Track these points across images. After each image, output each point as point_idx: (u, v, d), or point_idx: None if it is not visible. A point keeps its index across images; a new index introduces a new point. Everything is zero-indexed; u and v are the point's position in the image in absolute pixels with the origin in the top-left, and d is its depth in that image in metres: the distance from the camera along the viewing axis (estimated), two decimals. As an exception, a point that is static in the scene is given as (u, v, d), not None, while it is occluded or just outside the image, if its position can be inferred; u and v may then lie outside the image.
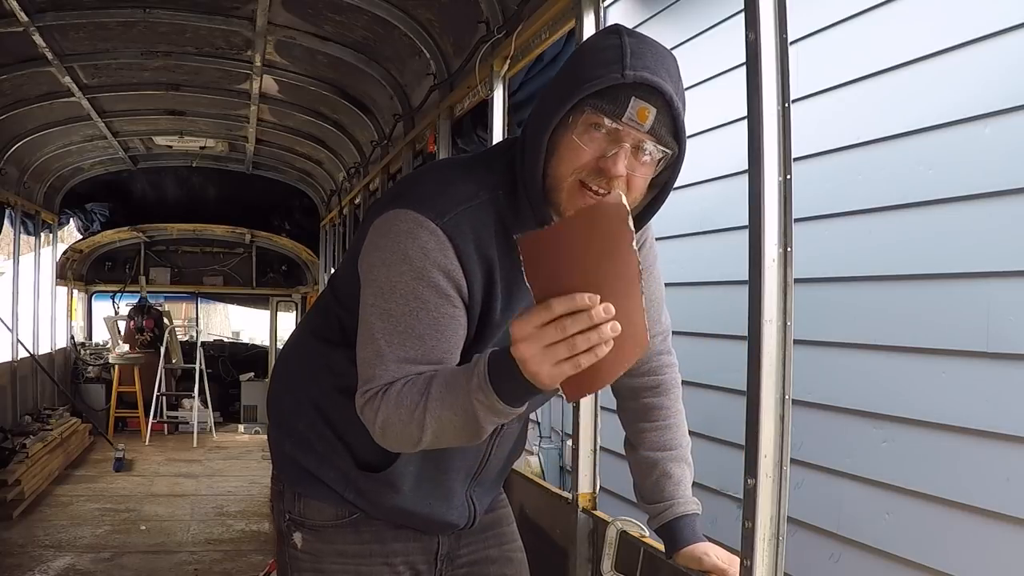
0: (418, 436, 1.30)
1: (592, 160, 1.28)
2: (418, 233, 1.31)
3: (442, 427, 1.27)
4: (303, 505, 1.57)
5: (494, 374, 1.19)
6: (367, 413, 1.34)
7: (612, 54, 1.27)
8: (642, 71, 1.25)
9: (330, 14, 4.43)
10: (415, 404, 1.28)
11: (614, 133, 1.27)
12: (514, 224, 1.37)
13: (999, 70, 2.27)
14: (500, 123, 3.27)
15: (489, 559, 1.69)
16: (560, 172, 1.31)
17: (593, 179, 1.28)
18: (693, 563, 1.58)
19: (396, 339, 1.32)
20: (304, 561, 1.58)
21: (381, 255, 1.34)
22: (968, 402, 2.29)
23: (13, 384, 7.62)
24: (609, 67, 1.26)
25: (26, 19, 4.35)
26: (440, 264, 1.32)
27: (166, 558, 5.16)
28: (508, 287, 1.38)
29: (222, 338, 14.51)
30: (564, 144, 1.29)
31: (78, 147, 7.88)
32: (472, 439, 1.29)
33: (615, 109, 1.25)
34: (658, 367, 1.66)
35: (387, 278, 1.32)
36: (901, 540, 2.47)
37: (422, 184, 1.41)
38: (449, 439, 1.30)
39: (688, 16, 3.81)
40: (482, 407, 1.21)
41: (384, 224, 1.35)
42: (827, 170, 2.86)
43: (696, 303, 3.60)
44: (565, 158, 1.29)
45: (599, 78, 1.25)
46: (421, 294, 1.31)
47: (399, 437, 1.33)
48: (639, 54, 1.26)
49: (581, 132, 1.28)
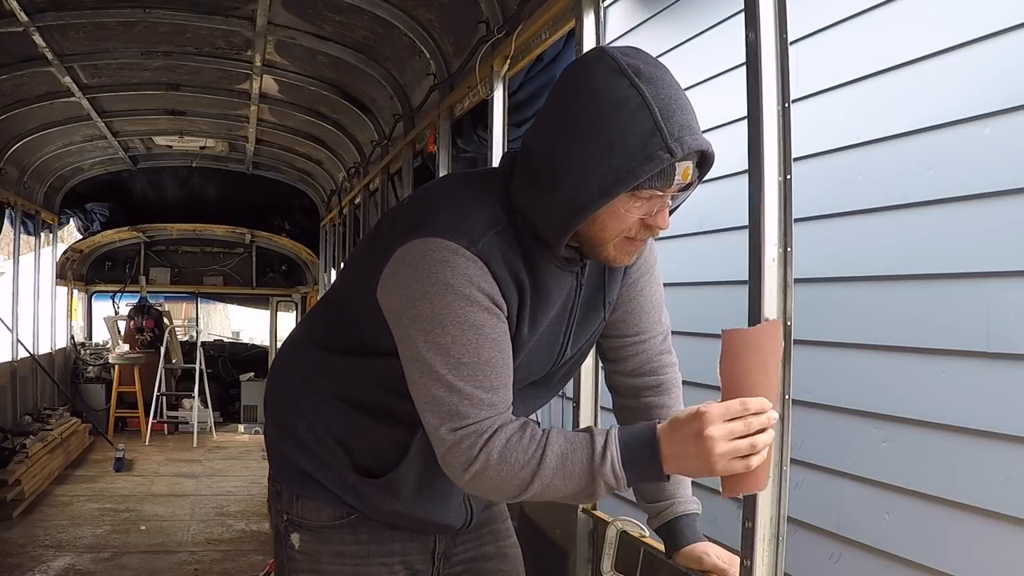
0: (515, 494, 1.32)
1: (639, 221, 1.29)
2: (455, 261, 1.29)
3: (547, 491, 1.30)
4: (301, 506, 1.56)
5: (628, 461, 1.26)
6: (457, 454, 1.31)
7: (644, 122, 1.22)
8: (684, 136, 1.22)
9: (330, 14, 4.44)
10: (523, 464, 1.28)
11: (661, 196, 1.27)
12: (533, 249, 1.36)
13: (999, 70, 2.27)
14: (500, 123, 3.27)
15: (485, 556, 1.69)
16: (604, 236, 1.31)
17: (640, 234, 1.31)
18: (693, 563, 1.58)
19: (465, 371, 1.29)
20: (302, 562, 1.58)
21: (420, 288, 1.30)
22: (968, 402, 2.29)
23: (13, 384, 7.62)
24: (649, 142, 1.21)
25: (26, 19, 4.35)
26: (483, 288, 1.30)
27: (166, 558, 5.16)
28: (534, 310, 1.39)
29: (222, 338, 14.51)
30: (607, 215, 1.28)
31: (78, 147, 7.88)
32: (577, 502, 1.32)
33: (666, 183, 1.25)
34: (659, 367, 1.67)
35: (432, 311, 1.29)
36: (901, 540, 2.47)
37: (440, 211, 1.36)
38: (549, 498, 1.33)
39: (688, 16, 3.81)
40: (607, 487, 1.27)
41: (412, 254, 1.31)
42: (827, 170, 2.85)
43: (696, 303, 3.59)
44: (610, 226, 1.30)
45: (647, 161, 1.21)
46: (475, 320, 1.29)
47: (492, 490, 1.33)
48: (669, 112, 1.23)
49: (627, 203, 1.27)
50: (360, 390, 1.48)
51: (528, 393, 1.54)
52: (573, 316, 1.47)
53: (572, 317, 1.47)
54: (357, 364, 1.47)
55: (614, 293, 1.54)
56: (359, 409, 1.49)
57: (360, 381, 1.48)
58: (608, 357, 1.68)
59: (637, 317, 1.61)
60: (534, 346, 1.42)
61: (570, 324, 1.47)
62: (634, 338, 1.63)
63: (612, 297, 1.54)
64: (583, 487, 1.28)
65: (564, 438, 1.30)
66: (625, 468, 1.26)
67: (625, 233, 1.31)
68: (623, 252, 1.34)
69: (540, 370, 1.50)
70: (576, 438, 1.30)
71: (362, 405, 1.48)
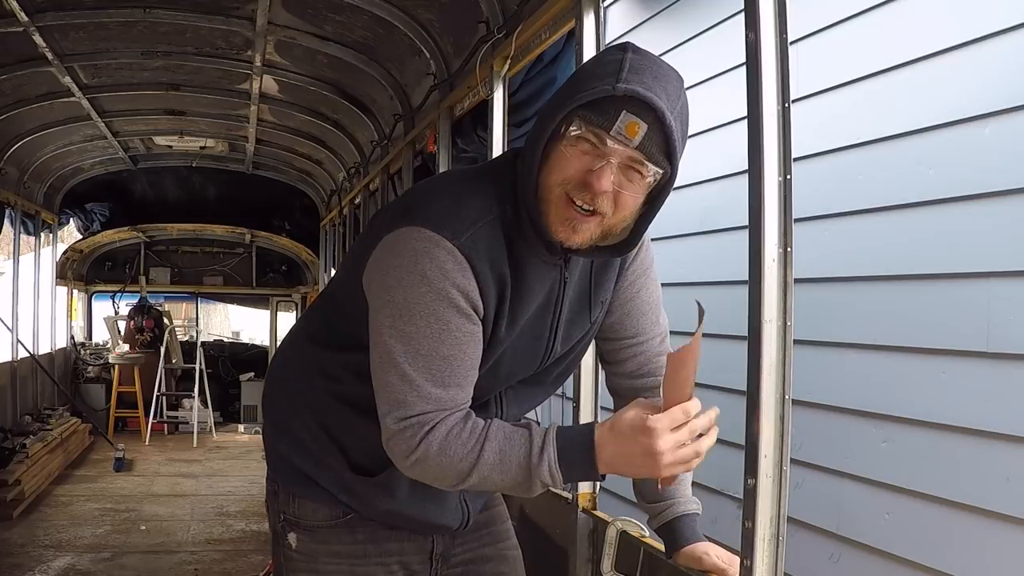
0: (453, 483, 1.35)
1: (579, 173, 1.27)
2: (435, 252, 1.30)
3: (485, 483, 1.34)
4: (298, 505, 1.57)
5: (565, 461, 1.29)
6: (399, 443, 1.34)
7: (610, 68, 1.26)
8: (635, 85, 1.23)
9: (330, 14, 4.43)
10: (462, 457, 1.31)
11: (602, 147, 1.25)
12: (517, 238, 1.37)
13: (999, 70, 2.27)
14: (500, 123, 3.27)
15: (484, 557, 1.69)
16: (549, 183, 1.30)
17: (578, 193, 1.28)
18: (693, 562, 1.58)
19: (421, 362, 1.31)
20: (299, 561, 1.58)
21: (397, 275, 1.32)
22: (968, 402, 2.29)
23: (13, 384, 7.63)
24: (603, 80, 1.25)
25: (26, 19, 4.35)
26: (459, 284, 1.31)
27: (166, 558, 5.16)
28: (514, 303, 1.39)
29: (222, 338, 14.51)
30: (555, 155, 1.29)
31: (78, 147, 7.88)
32: (515, 494, 1.37)
33: (603, 121, 1.24)
34: (658, 368, 1.66)
35: (404, 299, 1.31)
36: (901, 540, 2.47)
37: (433, 200, 1.38)
38: (487, 489, 1.37)
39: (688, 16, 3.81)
40: (541, 484, 1.31)
41: (396, 241, 1.33)
42: (827, 170, 2.86)
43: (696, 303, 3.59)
44: (554, 168, 1.29)
45: (592, 88, 1.25)
46: (443, 315, 1.31)
47: (432, 477, 1.36)
48: (638, 69, 1.25)
49: (571, 144, 1.27)
50: (352, 386, 1.48)
51: (521, 392, 1.54)
52: (558, 312, 1.46)
53: (557, 313, 1.46)
54: (348, 360, 1.48)
55: (605, 292, 1.53)
56: (352, 406, 1.49)
57: (352, 377, 1.48)
58: (607, 359, 1.68)
59: (635, 319, 1.61)
60: (516, 340, 1.42)
61: (555, 320, 1.46)
62: (632, 340, 1.63)
63: (604, 296, 1.53)
64: (520, 482, 1.32)
65: (504, 434, 1.33)
66: (561, 468, 1.30)
67: (564, 185, 1.28)
68: (562, 219, 1.31)
69: (528, 367, 1.50)
70: (515, 435, 1.33)
71: (355, 402, 1.48)
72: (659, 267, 1.71)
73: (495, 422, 1.35)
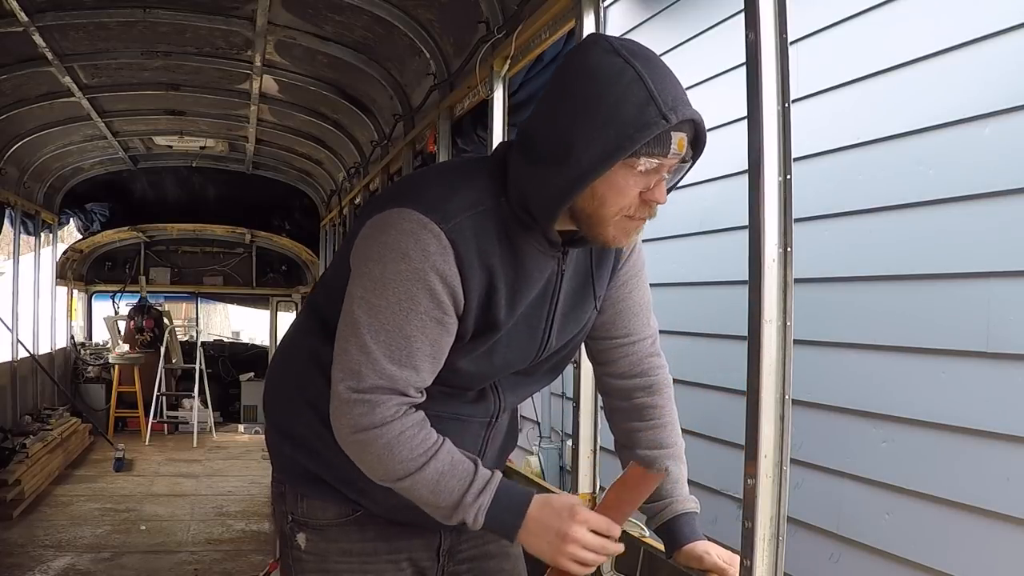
0: (380, 477, 1.39)
1: (637, 196, 1.31)
2: (421, 234, 1.32)
3: (409, 492, 1.38)
4: (306, 505, 1.56)
5: (492, 514, 1.35)
6: (348, 415, 1.36)
7: (639, 92, 1.26)
8: (678, 106, 1.26)
9: (330, 14, 4.43)
10: (403, 461, 1.35)
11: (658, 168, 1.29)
12: (518, 233, 1.38)
13: (999, 70, 2.27)
14: (500, 123, 3.27)
15: (488, 554, 1.69)
16: (604, 213, 1.32)
17: (639, 212, 1.33)
18: (694, 561, 1.58)
19: (383, 336, 1.33)
20: (309, 562, 1.57)
21: (379, 250, 1.34)
22: (968, 402, 2.29)
23: (13, 384, 7.62)
24: (645, 111, 1.25)
25: (26, 19, 4.35)
26: (439, 268, 1.32)
27: (166, 558, 5.16)
28: (512, 292, 1.39)
29: (222, 338, 14.51)
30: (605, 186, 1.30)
31: (78, 147, 7.88)
32: (430, 513, 1.40)
33: (662, 151, 1.27)
34: (650, 368, 1.67)
35: (381, 273, 1.33)
36: (901, 540, 2.47)
37: (426, 186, 1.40)
38: (406, 495, 1.40)
39: (688, 16, 3.81)
40: (459, 520, 1.36)
41: (385, 220, 1.35)
42: (827, 170, 2.86)
43: (696, 303, 3.59)
44: (610, 200, 1.31)
45: (644, 128, 1.25)
46: (414, 295, 1.32)
47: (364, 461, 1.39)
48: (662, 84, 1.27)
49: (626, 175, 1.29)
50: None
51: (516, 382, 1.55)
52: (554, 303, 1.47)
53: (553, 304, 1.47)
54: None
55: (601, 289, 1.54)
56: None
57: None
58: (598, 360, 1.69)
59: (627, 319, 1.63)
60: (513, 328, 1.43)
61: (551, 311, 1.47)
62: (624, 339, 1.64)
63: (600, 293, 1.55)
64: (442, 508, 1.37)
65: (451, 460, 1.37)
66: (486, 518, 1.36)
67: (625, 210, 1.32)
68: (622, 232, 1.35)
69: (523, 358, 1.50)
70: (461, 466, 1.37)
71: None
72: (659, 267, 1.71)
73: (447, 443, 1.38)
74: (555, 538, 1.35)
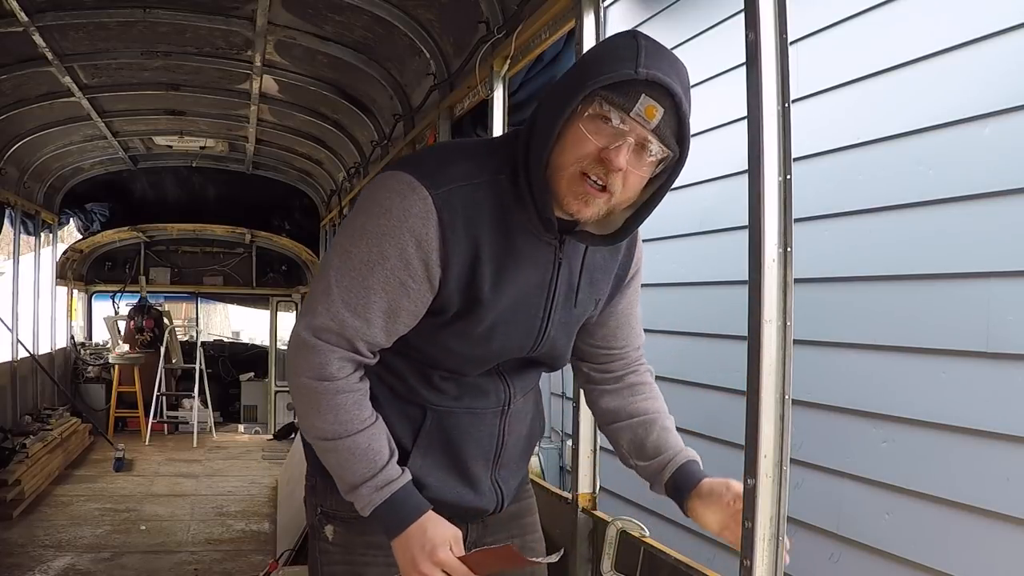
0: (304, 425, 1.46)
1: (596, 151, 1.32)
2: (408, 195, 1.36)
3: (323, 452, 1.46)
4: (336, 497, 1.57)
5: (383, 511, 1.42)
6: (306, 358, 1.41)
7: (628, 52, 1.31)
8: (655, 70, 1.29)
9: (330, 14, 4.43)
10: (336, 422, 1.41)
11: (620, 127, 1.30)
12: (514, 209, 1.40)
13: (999, 70, 2.27)
14: (500, 123, 3.27)
15: None
16: (563, 160, 1.34)
17: (593, 169, 1.33)
18: (718, 487, 1.55)
19: (346, 282, 1.39)
20: (335, 554, 1.60)
21: (366, 204, 1.40)
22: (968, 402, 2.29)
23: (13, 384, 7.62)
24: (624, 63, 1.29)
25: (26, 19, 4.35)
26: (416, 231, 1.36)
27: (166, 558, 5.16)
28: (498, 268, 1.41)
29: (222, 338, 14.52)
30: (571, 133, 1.33)
31: (78, 147, 7.88)
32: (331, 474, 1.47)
33: (625, 103, 1.29)
34: (637, 368, 1.73)
35: (362, 224, 1.39)
36: (901, 540, 2.47)
37: (428, 157, 1.46)
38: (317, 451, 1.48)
39: (688, 16, 3.81)
40: (351, 499, 1.44)
41: (381, 179, 1.41)
42: (827, 170, 2.86)
43: (696, 303, 3.59)
44: (570, 147, 1.33)
45: (613, 71, 1.29)
46: (385, 251, 1.37)
47: (300, 403, 1.44)
48: (654, 56, 1.31)
49: (589, 123, 1.32)
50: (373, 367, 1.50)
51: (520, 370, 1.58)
52: (553, 294, 1.48)
53: (552, 296, 1.48)
54: None
55: (600, 292, 1.56)
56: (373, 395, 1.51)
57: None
58: (591, 360, 1.72)
59: (626, 332, 1.68)
60: (508, 315, 1.44)
61: (550, 302, 1.49)
62: (620, 350, 1.70)
63: (600, 296, 1.57)
64: (343, 482, 1.45)
65: (372, 442, 1.43)
66: (376, 510, 1.43)
67: (581, 161, 1.32)
68: (576, 193, 1.35)
69: (521, 346, 1.51)
70: (379, 452, 1.44)
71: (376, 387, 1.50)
72: (659, 267, 1.72)
73: (380, 424, 1.45)
74: (410, 562, 1.42)
